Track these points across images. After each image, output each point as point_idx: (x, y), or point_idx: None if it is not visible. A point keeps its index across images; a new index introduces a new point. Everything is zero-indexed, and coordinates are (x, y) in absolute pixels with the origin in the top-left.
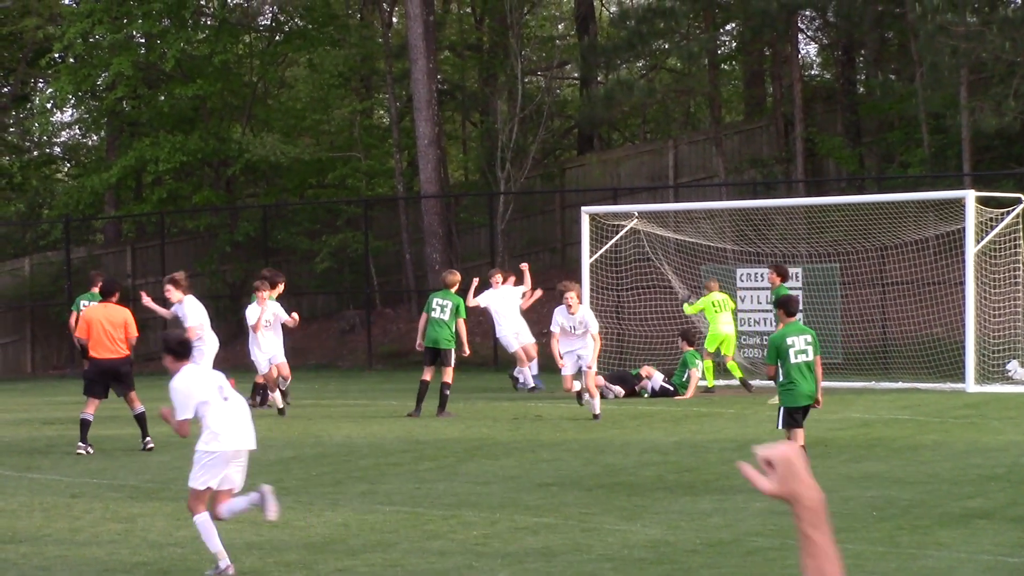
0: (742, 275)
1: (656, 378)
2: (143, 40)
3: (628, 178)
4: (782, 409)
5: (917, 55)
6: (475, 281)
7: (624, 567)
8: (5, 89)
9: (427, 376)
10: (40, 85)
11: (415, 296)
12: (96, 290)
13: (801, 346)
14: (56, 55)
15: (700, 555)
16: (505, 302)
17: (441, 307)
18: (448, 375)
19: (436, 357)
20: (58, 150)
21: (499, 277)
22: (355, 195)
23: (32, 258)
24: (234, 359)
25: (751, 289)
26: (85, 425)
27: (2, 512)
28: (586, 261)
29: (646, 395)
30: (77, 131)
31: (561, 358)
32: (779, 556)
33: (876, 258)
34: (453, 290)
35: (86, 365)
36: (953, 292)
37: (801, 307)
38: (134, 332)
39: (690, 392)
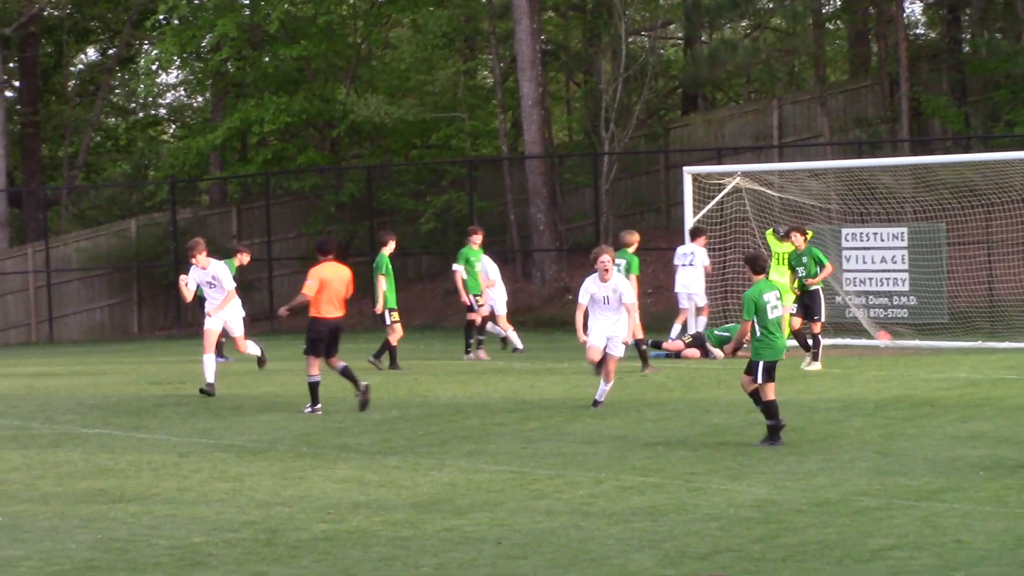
0: (847, 235)
1: None
2: (247, 1)
3: (732, 138)
4: (761, 363)
5: (1023, 13)
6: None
7: (730, 526)
8: (111, 51)
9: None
10: (145, 47)
11: (519, 256)
12: (237, 261)
13: (774, 302)
14: (161, 17)
15: (806, 515)
16: (493, 267)
17: (617, 266)
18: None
19: None
20: (163, 111)
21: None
22: (459, 156)
23: (138, 219)
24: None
25: (857, 249)
26: (315, 387)
27: (111, 471)
28: (689, 221)
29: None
30: (182, 93)
31: (586, 332)
32: (886, 516)
33: (982, 217)
34: (630, 250)
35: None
36: None
37: (907, 266)
38: (351, 291)
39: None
